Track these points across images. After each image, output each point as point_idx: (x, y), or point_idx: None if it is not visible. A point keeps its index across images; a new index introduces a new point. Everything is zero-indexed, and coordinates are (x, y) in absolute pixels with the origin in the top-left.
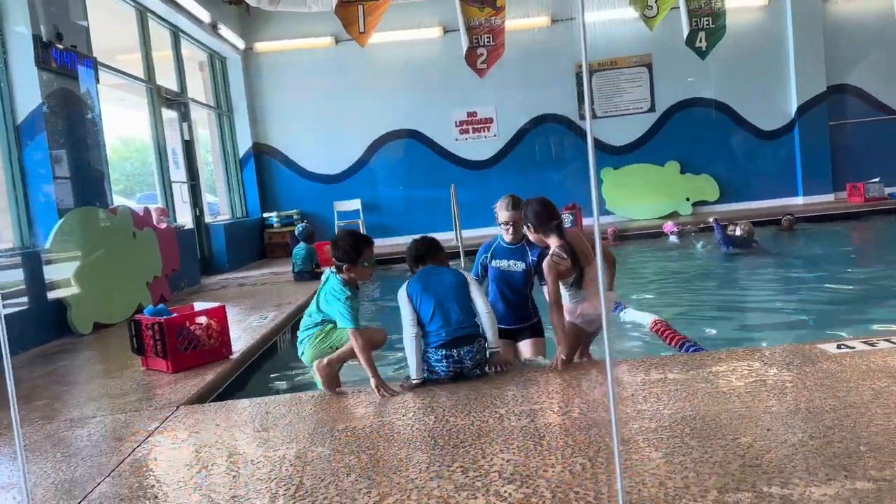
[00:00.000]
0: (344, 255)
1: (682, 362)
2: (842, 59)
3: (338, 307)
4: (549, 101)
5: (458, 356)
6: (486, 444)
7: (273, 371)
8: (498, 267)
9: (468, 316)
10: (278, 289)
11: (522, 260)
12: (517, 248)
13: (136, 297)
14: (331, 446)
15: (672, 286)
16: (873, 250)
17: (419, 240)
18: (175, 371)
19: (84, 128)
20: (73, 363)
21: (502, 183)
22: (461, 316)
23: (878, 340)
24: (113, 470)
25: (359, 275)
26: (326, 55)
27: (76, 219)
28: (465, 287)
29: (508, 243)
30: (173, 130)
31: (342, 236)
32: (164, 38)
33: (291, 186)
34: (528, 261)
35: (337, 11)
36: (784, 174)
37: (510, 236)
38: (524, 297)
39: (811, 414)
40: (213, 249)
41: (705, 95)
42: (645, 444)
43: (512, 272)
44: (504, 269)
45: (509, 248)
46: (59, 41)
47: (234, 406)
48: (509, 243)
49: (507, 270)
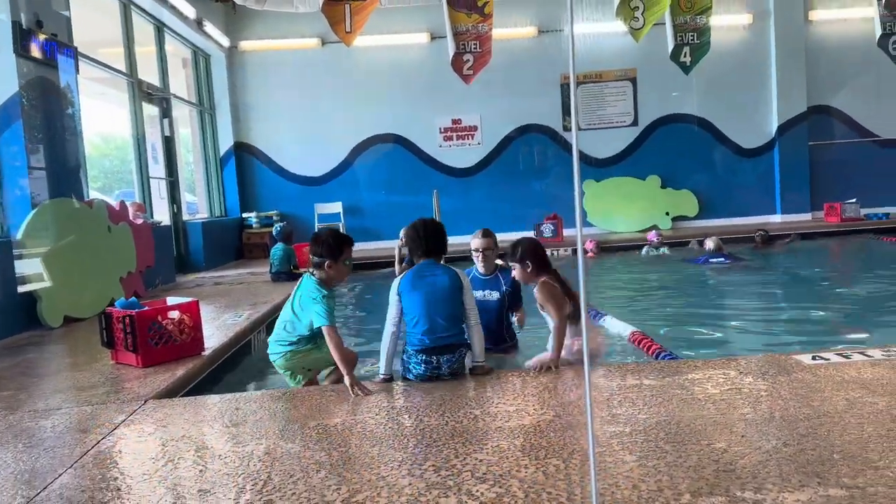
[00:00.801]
0: (327, 251)
1: (659, 369)
2: (822, 80)
3: (315, 308)
4: (534, 111)
5: (436, 363)
6: (459, 444)
7: (246, 370)
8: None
9: (454, 324)
10: (255, 288)
11: (496, 289)
12: (491, 278)
13: (108, 292)
14: (301, 443)
15: (650, 297)
16: (848, 268)
17: (426, 228)
18: (145, 366)
19: (62, 118)
20: (41, 355)
21: (485, 191)
22: (446, 324)
23: (853, 353)
24: (76, 461)
25: (338, 272)
26: (312, 56)
27: (50, 210)
28: (459, 291)
29: (482, 274)
30: (154, 126)
31: (325, 232)
32: (147, 33)
33: (272, 187)
34: (502, 290)
35: (324, 10)
36: (763, 192)
37: (483, 265)
38: (501, 323)
39: (785, 422)
40: (189, 247)
41: (688, 111)
42: (619, 447)
43: (487, 301)
44: (479, 299)
45: (483, 278)
46: (40, 29)
47: (203, 401)
48: (483, 274)
49: (483, 300)
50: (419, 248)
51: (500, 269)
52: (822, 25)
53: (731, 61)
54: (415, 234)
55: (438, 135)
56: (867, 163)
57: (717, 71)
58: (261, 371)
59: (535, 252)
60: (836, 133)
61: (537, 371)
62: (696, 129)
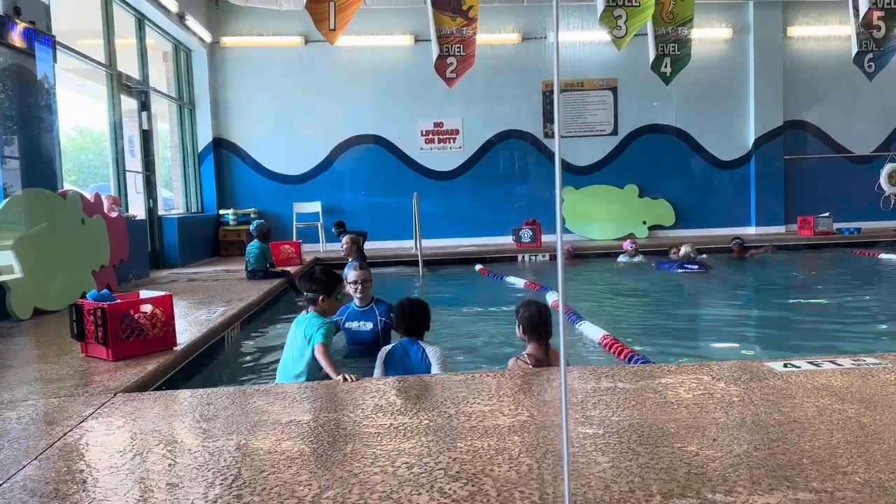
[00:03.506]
0: (321, 288)
1: (633, 373)
2: (799, 95)
3: (317, 332)
4: (516, 116)
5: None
6: (432, 443)
7: (219, 366)
8: (349, 328)
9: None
10: (230, 286)
11: (370, 320)
12: (366, 309)
13: (80, 285)
14: (273, 439)
15: (624, 303)
16: (820, 280)
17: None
18: (116, 359)
19: (37, 108)
20: (7, 347)
21: (465, 195)
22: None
23: (823, 361)
24: (41, 453)
25: (331, 306)
26: (295, 55)
27: (22, 201)
28: (428, 371)
29: (358, 306)
30: (132, 120)
31: (318, 271)
32: (128, 25)
33: (250, 184)
34: (377, 320)
35: (308, 6)
36: (739, 204)
37: (359, 298)
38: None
39: (756, 427)
40: (164, 243)
41: (667, 122)
42: (592, 448)
43: (360, 332)
44: (354, 330)
45: (359, 310)
46: (18, 16)
47: (174, 396)
48: (359, 306)
49: (357, 331)
50: (403, 325)
51: (375, 301)
52: (800, 42)
53: (710, 74)
54: (400, 312)
55: (420, 137)
56: (840, 178)
57: (697, 83)
58: (234, 368)
59: (529, 318)
60: (811, 148)
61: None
62: (675, 139)
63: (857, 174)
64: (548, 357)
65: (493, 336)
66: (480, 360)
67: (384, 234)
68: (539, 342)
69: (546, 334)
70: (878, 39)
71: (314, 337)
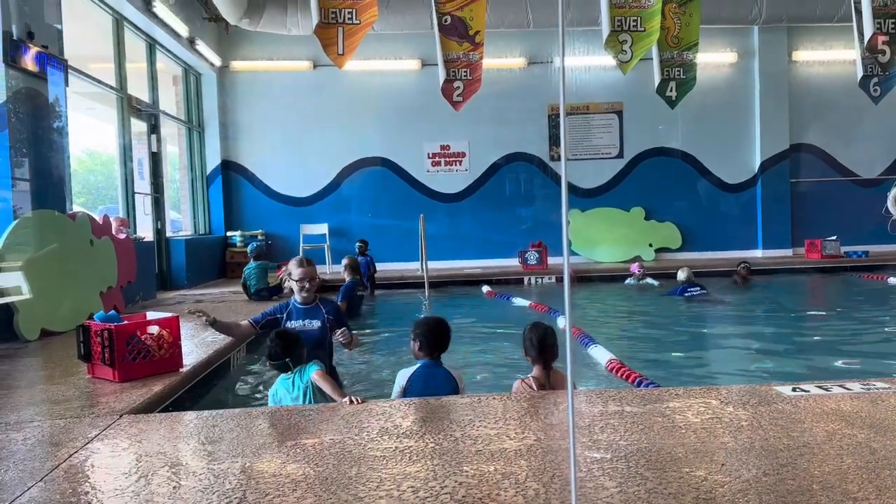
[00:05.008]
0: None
1: (640, 396)
2: (805, 119)
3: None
4: (522, 139)
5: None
6: (438, 466)
7: (225, 388)
8: (294, 328)
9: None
10: (237, 307)
11: (317, 318)
12: (311, 307)
13: (87, 306)
14: (278, 462)
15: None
16: (828, 303)
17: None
18: (122, 380)
19: (49, 130)
20: (14, 368)
21: (471, 217)
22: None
23: (832, 386)
24: (46, 475)
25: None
26: (303, 79)
27: (32, 222)
28: (455, 392)
29: (302, 303)
30: (141, 142)
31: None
32: (139, 50)
33: (258, 206)
34: (325, 318)
35: (317, 31)
36: (745, 227)
37: (302, 295)
38: (324, 351)
39: (765, 452)
40: (171, 264)
41: (672, 145)
42: (600, 473)
43: (307, 331)
44: (301, 329)
45: (303, 308)
46: (31, 40)
47: (179, 418)
48: (303, 303)
49: (303, 329)
50: (428, 345)
51: (320, 299)
52: (805, 66)
53: (716, 98)
54: (427, 331)
55: (426, 160)
56: (847, 201)
57: (703, 107)
58: (239, 390)
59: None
60: (817, 171)
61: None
62: (681, 162)
63: (864, 197)
64: (549, 380)
65: (498, 358)
66: (487, 382)
67: (390, 256)
68: (543, 365)
69: (551, 357)
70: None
71: (308, 368)
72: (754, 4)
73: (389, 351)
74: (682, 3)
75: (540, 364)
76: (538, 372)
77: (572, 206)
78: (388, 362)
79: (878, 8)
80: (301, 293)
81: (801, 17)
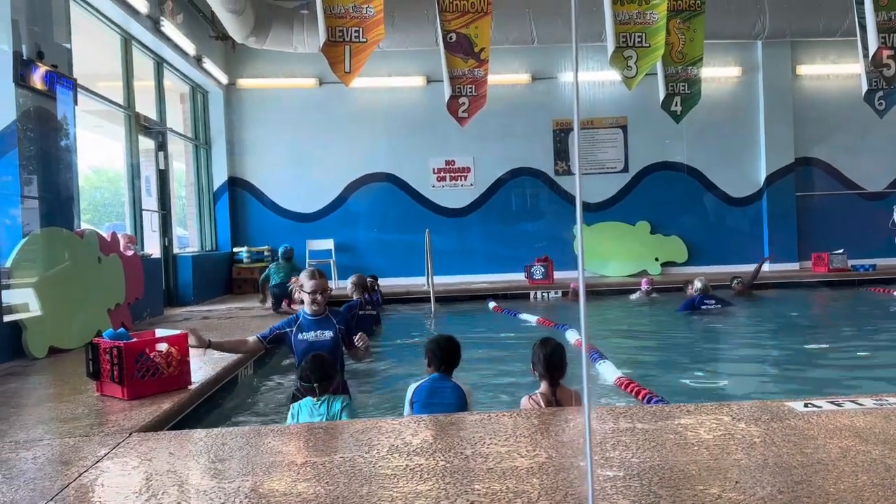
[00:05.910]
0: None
1: (652, 413)
2: (810, 132)
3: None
4: (527, 154)
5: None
6: (449, 485)
7: (233, 405)
8: (304, 339)
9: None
10: (244, 323)
11: (329, 329)
12: (322, 318)
13: (95, 324)
14: (289, 480)
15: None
16: (837, 317)
17: (446, 342)
18: (131, 398)
19: (57, 148)
20: (23, 386)
21: (477, 232)
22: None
23: (845, 401)
24: (56, 494)
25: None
26: (310, 96)
27: (40, 239)
28: (464, 409)
29: (312, 315)
30: (149, 159)
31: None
32: (146, 68)
33: (264, 222)
34: (336, 328)
35: (324, 50)
36: (752, 240)
37: (313, 307)
38: (337, 360)
39: (779, 469)
40: (179, 281)
41: (677, 159)
42: (613, 491)
43: (319, 341)
44: (312, 341)
45: (314, 319)
46: (41, 60)
47: (189, 436)
48: (313, 315)
49: (316, 341)
50: (437, 361)
51: (330, 310)
52: (809, 80)
53: (720, 112)
54: (437, 348)
55: (432, 175)
56: (853, 214)
57: (707, 121)
58: (249, 406)
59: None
60: (823, 185)
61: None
62: (686, 177)
63: (871, 211)
64: (556, 397)
65: (505, 374)
66: (494, 398)
67: (396, 271)
68: (550, 381)
69: (559, 374)
70: (889, 77)
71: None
72: (758, 19)
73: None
74: (687, 19)
75: (547, 380)
76: (545, 388)
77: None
78: (393, 377)
79: (882, 22)
80: (312, 305)
81: (805, 32)
